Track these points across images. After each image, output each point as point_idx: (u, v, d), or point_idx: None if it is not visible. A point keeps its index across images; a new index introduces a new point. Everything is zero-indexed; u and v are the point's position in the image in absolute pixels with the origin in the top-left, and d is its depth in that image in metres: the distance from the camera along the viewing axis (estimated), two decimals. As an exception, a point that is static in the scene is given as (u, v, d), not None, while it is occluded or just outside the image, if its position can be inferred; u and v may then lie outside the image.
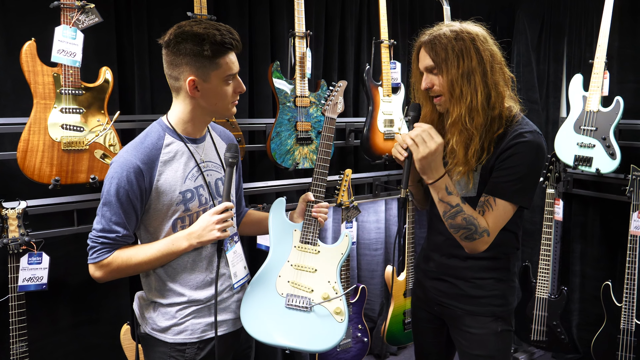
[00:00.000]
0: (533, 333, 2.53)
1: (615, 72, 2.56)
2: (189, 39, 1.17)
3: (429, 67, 1.28)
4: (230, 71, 1.22)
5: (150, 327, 1.30)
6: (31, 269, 1.63)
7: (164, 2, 2.02)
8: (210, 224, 1.23)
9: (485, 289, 1.36)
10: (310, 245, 1.43)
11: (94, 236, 1.22)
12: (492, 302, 1.36)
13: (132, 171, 1.18)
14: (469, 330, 1.38)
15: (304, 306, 1.37)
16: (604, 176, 2.40)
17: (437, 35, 1.26)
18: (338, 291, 1.38)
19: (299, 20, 2.08)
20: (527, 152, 1.24)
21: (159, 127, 1.27)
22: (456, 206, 1.24)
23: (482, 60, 1.24)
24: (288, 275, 1.41)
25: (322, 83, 2.20)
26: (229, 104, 1.27)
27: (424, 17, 2.81)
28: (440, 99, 1.30)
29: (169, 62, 1.22)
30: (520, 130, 1.26)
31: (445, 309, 1.43)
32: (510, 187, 1.25)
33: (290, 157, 2.12)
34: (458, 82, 1.23)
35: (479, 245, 1.27)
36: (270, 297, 1.39)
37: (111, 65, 1.77)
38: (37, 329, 1.83)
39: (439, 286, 1.43)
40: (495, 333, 1.36)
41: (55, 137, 1.60)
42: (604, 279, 2.40)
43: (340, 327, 1.35)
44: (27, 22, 1.76)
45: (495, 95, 1.25)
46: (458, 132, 1.26)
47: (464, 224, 1.24)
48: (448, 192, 1.24)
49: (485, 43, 1.26)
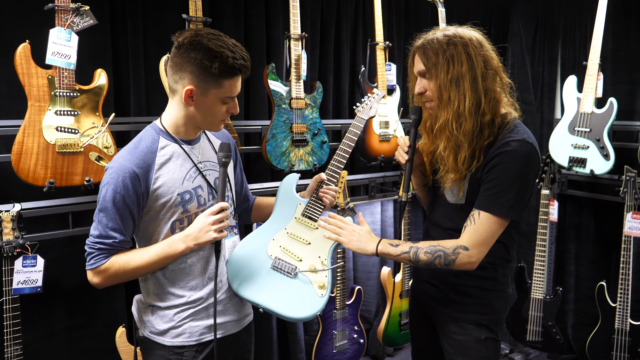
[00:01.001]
0: (528, 333, 2.54)
1: (609, 74, 2.58)
2: (202, 50, 1.16)
3: (422, 71, 1.29)
4: (230, 94, 1.23)
5: (148, 331, 1.29)
6: (26, 272, 1.62)
7: (159, 4, 2.02)
8: (206, 225, 1.22)
9: (468, 295, 1.36)
10: (310, 220, 1.44)
11: (90, 242, 1.21)
12: (476, 310, 1.36)
13: (127, 176, 1.18)
14: (453, 336, 1.38)
15: (288, 271, 1.37)
16: (598, 177, 2.41)
17: (429, 40, 1.27)
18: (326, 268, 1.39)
19: (295, 22, 2.09)
20: (512, 162, 1.21)
21: (153, 131, 1.27)
22: (410, 249, 1.28)
23: (473, 65, 1.22)
24: (281, 240, 1.42)
25: (318, 85, 2.21)
26: (218, 122, 1.27)
27: (419, 19, 2.82)
28: (431, 103, 1.31)
29: (174, 62, 1.21)
30: (507, 139, 1.23)
31: (433, 313, 1.45)
32: (493, 199, 1.23)
33: (285, 159, 2.12)
34: (446, 87, 1.23)
35: (462, 264, 1.25)
36: (258, 256, 1.39)
37: (106, 68, 1.77)
38: (31, 332, 1.82)
39: (428, 289, 1.45)
40: (478, 340, 1.35)
41: (49, 140, 1.60)
42: (599, 280, 2.41)
43: (320, 301, 1.34)
44: (21, 25, 1.76)
45: (485, 101, 1.23)
46: (446, 138, 1.26)
47: (429, 257, 1.27)
48: (394, 246, 1.30)
49: (479, 48, 1.24)
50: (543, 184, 2.51)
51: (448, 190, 1.33)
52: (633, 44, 2.54)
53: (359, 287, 2.44)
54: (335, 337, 2.34)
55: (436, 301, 1.42)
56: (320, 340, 2.32)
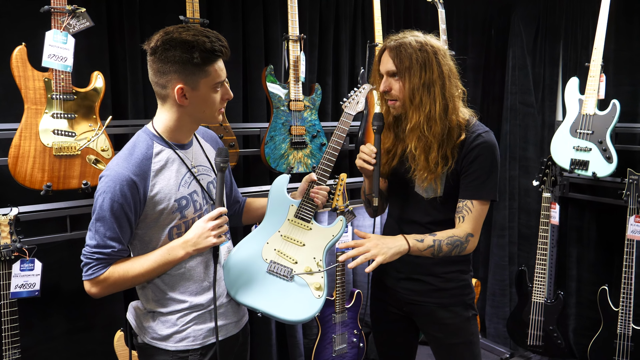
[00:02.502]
0: (529, 338, 2.52)
1: (612, 75, 2.56)
2: (178, 46, 1.15)
3: (391, 71, 1.36)
4: (219, 78, 1.21)
5: (149, 337, 1.28)
6: (23, 276, 1.62)
7: (157, 6, 2.02)
8: (206, 231, 1.22)
9: (453, 281, 1.46)
10: (303, 222, 1.44)
11: (88, 252, 1.19)
12: (462, 292, 1.47)
13: (125, 184, 1.16)
14: (444, 321, 1.46)
15: (284, 275, 1.37)
16: (600, 180, 2.39)
17: (402, 42, 1.34)
18: (322, 269, 1.39)
19: (293, 24, 2.08)
20: (488, 151, 1.35)
21: (146, 136, 1.25)
22: (434, 242, 1.33)
23: (442, 73, 1.33)
24: (276, 243, 1.42)
25: (317, 87, 2.20)
26: (216, 112, 1.26)
27: (418, 21, 2.80)
28: (395, 103, 1.39)
29: (155, 69, 1.20)
30: (477, 131, 1.37)
31: (416, 307, 1.49)
32: (481, 187, 1.36)
33: (284, 161, 2.11)
34: (419, 91, 1.32)
35: (470, 249, 1.39)
36: (254, 260, 1.39)
37: (103, 70, 1.77)
38: (30, 336, 1.81)
39: (409, 286, 1.49)
40: (467, 319, 1.47)
41: (46, 143, 1.59)
42: (601, 284, 2.38)
43: (317, 303, 1.34)
44: (17, 28, 1.75)
45: (452, 106, 1.35)
46: (416, 138, 1.36)
47: (450, 247, 1.34)
48: (420, 241, 1.32)
49: (445, 58, 1.35)
50: (544, 187, 2.49)
51: (422, 188, 1.42)
52: (636, 45, 2.51)
53: (359, 290, 2.43)
54: (334, 340, 2.33)
55: (421, 294, 1.47)
56: (320, 343, 2.31)
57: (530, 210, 2.92)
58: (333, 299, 2.31)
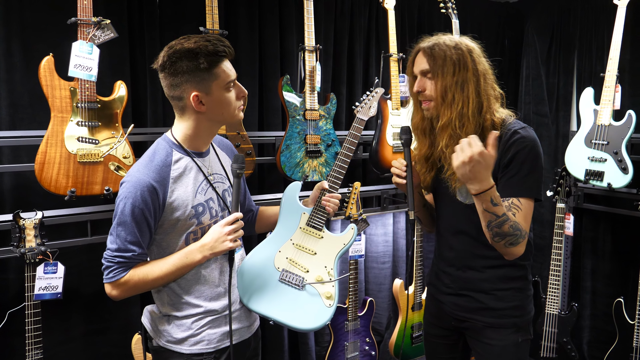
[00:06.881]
0: (543, 349, 2.49)
1: (627, 86, 2.55)
2: (183, 56, 1.20)
3: (424, 70, 1.33)
4: (228, 78, 1.25)
5: (165, 340, 1.31)
6: (47, 278, 1.66)
7: (176, 17, 2.07)
8: (222, 235, 1.25)
9: (505, 300, 1.36)
10: (315, 230, 1.45)
11: (109, 256, 1.23)
12: (513, 314, 1.36)
13: (146, 190, 1.20)
14: (490, 342, 1.37)
15: (296, 283, 1.39)
16: (615, 191, 2.37)
17: (437, 42, 1.33)
18: (333, 278, 1.40)
19: (309, 35, 2.11)
20: (527, 147, 1.27)
21: (166, 144, 1.29)
22: (502, 216, 1.21)
23: (477, 71, 1.29)
24: (288, 252, 1.44)
25: (332, 96, 2.23)
26: (234, 110, 1.29)
27: (432, 31, 2.78)
28: (429, 104, 1.34)
29: (168, 84, 1.24)
30: (513, 128, 1.30)
31: (464, 323, 1.42)
32: (527, 184, 1.27)
33: (299, 169, 2.14)
34: (452, 88, 1.28)
35: (520, 249, 1.26)
36: (266, 268, 1.41)
37: (125, 79, 1.82)
38: (50, 337, 1.85)
39: (457, 301, 1.42)
40: (515, 344, 1.36)
41: (71, 150, 1.64)
42: (616, 296, 2.36)
43: (328, 312, 1.36)
44: (43, 38, 1.81)
45: (486, 105, 1.30)
46: (448, 136, 1.30)
47: (511, 231, 1.22)
48: (494, 203, 1.20)
49: (480, 57, 1.32)
50: (559, 197, 2.47)
51: (458, 190, 1.35)
52: (652, 55, 2.50)
53: (371, 298, 2.43)
54: (346, 348, 2.33)
55: (469, 311, 1.39)
56: (332, 351, 2.32)
57: (544, 221, 2.90)
58: (346, 306, 2.32)
